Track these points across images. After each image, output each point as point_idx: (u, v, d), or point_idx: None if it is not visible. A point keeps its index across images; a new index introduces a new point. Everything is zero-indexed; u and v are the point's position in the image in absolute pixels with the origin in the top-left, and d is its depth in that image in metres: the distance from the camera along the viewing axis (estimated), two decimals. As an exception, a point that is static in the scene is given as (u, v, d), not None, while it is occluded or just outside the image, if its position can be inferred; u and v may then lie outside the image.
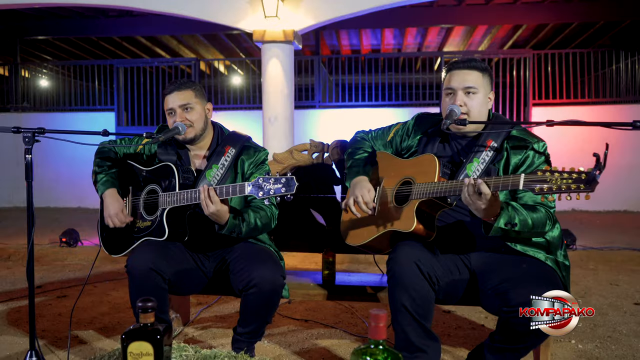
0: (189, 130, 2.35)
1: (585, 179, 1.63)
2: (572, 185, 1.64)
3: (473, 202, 1.86)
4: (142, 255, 2.18)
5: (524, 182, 1.73)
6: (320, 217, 3.01)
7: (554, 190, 1.66)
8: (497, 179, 1.83)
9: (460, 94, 2.13)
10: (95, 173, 2.48)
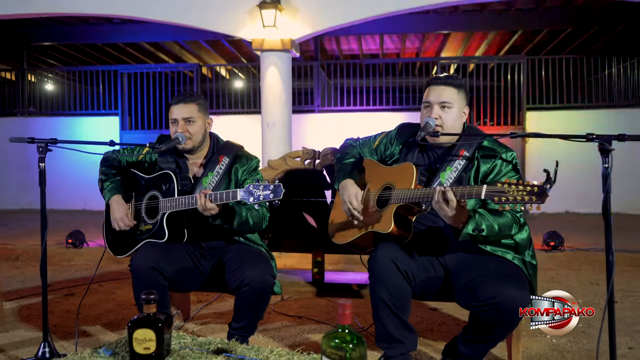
0: (188, 142, 2.56)
1: (537, 192, 1.83)
2: (525, 197, 1.84)
3: (441, 209, 2.07)
4: (145, 255, 2.39)
5: (485, 192, 1.93)
6: (311, 219, 3.21)
7: (510, 201, 1.86)
8: (463, 189, 2.03)
9: (436, 107, 2.34)
10: (101, 181, 2.69)
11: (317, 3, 5.89)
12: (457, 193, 2.03)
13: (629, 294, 3.99)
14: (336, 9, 5.87)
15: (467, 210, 2.09)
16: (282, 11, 5.77)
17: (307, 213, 3.21)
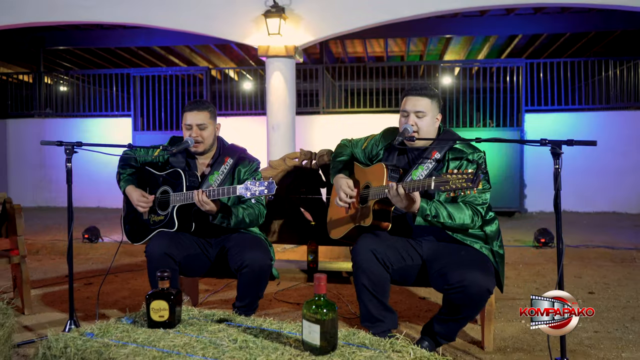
0: (199, 145, 2.90)
1: (472, 179, 2.15)
2: (463, 184, 2.16)
3: (396, 202, 2.40)
4: (158, 242, 2.73)
5: (434, 183, 2.25)
6: (308, 214, 3.54)
7: (453, 188, 2.18)
8: (413, 182, 2.36)
9: (412, 116, 2.66)
10: (119, 174, 3.05)
11: (319, 12, 6.21)
12: (410, 186, 2.36)
13: (606, 286, 4.28)
14: (337, 17, 6.19)
15: (419, 200, 2.40)
16: (286, 20, 6.10)
17: (304, 208, 3.54)
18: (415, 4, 6.11)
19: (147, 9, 6.42)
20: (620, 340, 3.02)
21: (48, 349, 1.75)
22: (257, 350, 1.67)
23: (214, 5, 6.31)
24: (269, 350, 1.66)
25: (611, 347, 2.92)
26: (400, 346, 1.71)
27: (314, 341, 1.63)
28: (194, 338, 1.79)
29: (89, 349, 1.70)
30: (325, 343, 1.63)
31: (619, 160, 8.97)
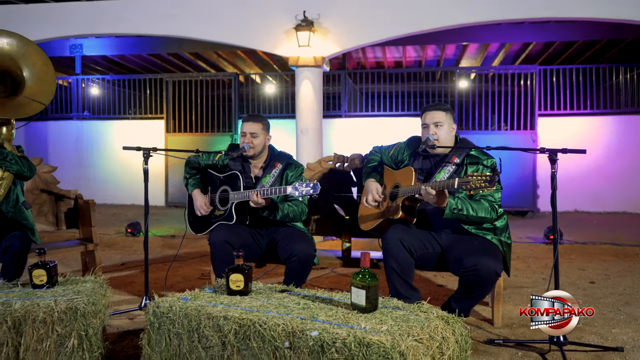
0: (251, 150, 3.44)
1: (489, 180, 2.65)
2: (482, 183, 2.66)
3: (428, 199, 2.91)
4: (219, 232, 3.27)
5: (457, 183, 2.76)
6: (341, 210, 4.07)
7: (473, 187, 2.68)
8: (440, 182, 2.87)
9: (432, 126, 3.18)
10: (186, 178, 3.60)
11: (344, 25, 6.74)
12: (437, 185, 2.87)
13: (606, 277, 4.74)
14: (362, 30, 6.71)
15: (446, 196, 2.90)
16: (315, 32, 6.63)
17: (337, 205, 4.07)
18: (433, 18, 6.61)
19: (190, 23, 7.00)
20: (612, 320, 3.50)
21: (157, 308, 2.30)
22: (317, 310, 2.19)
23: (249, 20, 6.87)
24: (326, 310, 2.19)
25: (604, 325, 3.40)
26: (425, 308, 2.23)
27: (361, 303, 2.16)
28: (265, 302, 2.32)
29: (189, 308, 2.24)
30: (369, 304, 2.16)
31: (629, 162, 9.38)
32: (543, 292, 4.10)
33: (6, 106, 3.62)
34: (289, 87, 11.52)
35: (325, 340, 1.90)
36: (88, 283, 2.75)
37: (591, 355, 2.85)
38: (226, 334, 2.10)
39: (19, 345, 2.36)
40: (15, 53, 3.70)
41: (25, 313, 2.37)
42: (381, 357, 1.79)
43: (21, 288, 2.69)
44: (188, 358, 2.21)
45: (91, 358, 2.45)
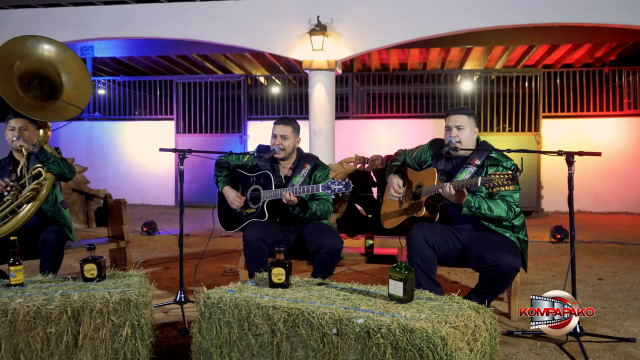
0: (281, 152, 3.62)
1: (511, 178, 2.84)
2: (505, 181, 2.85)
3: (448, 196, 3.09)
4: (253, 230, 3.45)
5: (480, 181, 2.94)
6: (362, 209, 4.26)
7: (496, 185, 2.87)
8: (462, 182, 3.06)
9: (454, 129, 3.36)
10: (216, 176, 3.79)
11: (357, 29, 6.93)
12: (459, 185, 3.05)
13: (614, 274, 4.93)
14: (374, 35, 6.90)
15: (465, 194, 3.09)
16: (328, 36, 6.82)
17: (358, 204, 4.26)
18: (443, 23, 6.81)
19: (204, 26, 7.18)
20: (622, 314, 3.69)
21: (208, 299, 2.48)
22: (357, 300, 2.38)
23: (264, 24, 7.06)
24: (365, 300, 2.37)
25: (615, 318, 3.59)
26: (457, 299, 2.41)
27: (399, 294, 2.34)
28: (307, 294, 2.50)
29: (238, 298, 2.42)
30: (407, 296, 2.34)
31: (630, 164, 9.58)
32: (556, 288, 4.30)
33: (46, 110, 3.80)
34: (295, 88, 11.69)
35: (371, 327, 2.08)
36: (134, 277, 2.92)
37: (605, 345, 3.04)
38: (275, 322, 2.28)
39: (77, 333, 2.54)
40: (54, 59, 3.89)
41: (83, 304, 2.54)
42: (424, 341, 1.98)
43: (72, 281, 2.87)
44: (238, 345, 2.39)
45: (143, 346, 2.62)
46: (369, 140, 9.63)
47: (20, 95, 3.72)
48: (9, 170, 3.72)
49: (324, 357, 2.19)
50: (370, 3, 6.95)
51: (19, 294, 2.59)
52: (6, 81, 3.66)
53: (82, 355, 2.54)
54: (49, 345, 2.51)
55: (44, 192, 3.57)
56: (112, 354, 2.59)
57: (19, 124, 3.66)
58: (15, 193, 3.53)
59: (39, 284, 2.82)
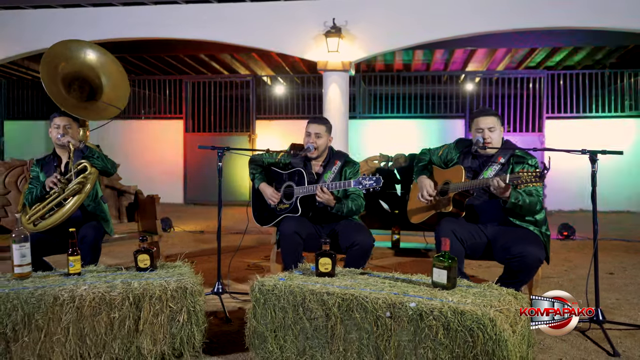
0: (314, 151, 3.80)
1: (539, 175, 3.02)
2: (533, 179, 3.03)
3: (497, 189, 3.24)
4: (289, 224, 3.62)
5: (509, 178, 3.12)
6: (386, 205, 4.44)
7: (525, 182, 3.05)
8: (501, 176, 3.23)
9: (487, 131, 3.54)
10: (252, 174, 3.96)
11: (371, 32, 7.12)
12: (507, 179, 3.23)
13: (623, 269, 5.14)
14: (387, 37, 7.09)
15: (509, 189, 3.26)
16: (343, 38, 7.01)
17: (382, 200, 4.44)
18: (455, 25, 7.02)
19: (220, 27, 7.35)
20: (637, 305, 3.89)
21: (262, 286, 2.65)
22: (403, 287, 2.56)
23: (279, 26, 7.24)
24: (410, 287, 2.56)
25: (630, 309, 3.79)
26: (495, 287, 2.60)
27: (443, 281, 2.52)
28: (353, 282, 2.68)
29: (291, 286, 2.60)
30: (450, 283, 2.52)
31: (631, 163, 9.80)
32: (571, 282, 4.51)
33: (88, 110, 3.97)
34: (300, 89, 11.88)
35: (424, 310, 2.26)
36: (183, 267, 3.09)
37: (625, 332, 3.24)
38: (330, 306, 2.46)
39: (138, 319, 2.71)
40: (95, 63, 4.06)
41: (143, 291, 2.71)
42: (474, 322, 2.16)
43: (126, 271, 3.03)
44: (293, 328, 2.57)
45: (197, 331, 2.79)
46: (377, 140, 9.82)
47: (64, 96, 3.88)
48: (54, 166, 3.88)
49: (377, 339, 2.37)
50: (384, 6, 7.13)
51: (82, 282, 2.76)
52: (53, 82, 3.83)
53: (142, 339, 2.71)
54: (112, 329, 2.67)
55: (88, 186, 3.73)
56: (170, 338, 2.76)
57: (64, 122, 3.82)
58: (62, 186, 3.69)
59: (95, 273, 2.98)
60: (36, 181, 3.90)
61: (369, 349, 2.39)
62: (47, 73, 3.88)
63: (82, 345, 2.64)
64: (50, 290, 2.62)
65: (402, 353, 2.32)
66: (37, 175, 3.91)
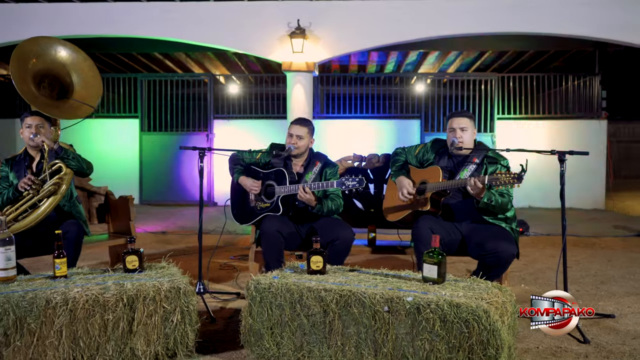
0: (295, 150, 3.86)
1: (517, 177, 3.19)
2: (511, 180, 3.20)
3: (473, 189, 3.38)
4: (271, 223, 3.67)
5: (488, 179, 3.28)
6: (360, 204, 4.55)
7: (502, 183, 3.22)
8: (482, 177, 3.39)
9: (458, 131, 3.70)
10: (231, 169, 3.99)
11: (335, 34, 7.23)
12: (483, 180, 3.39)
13: (577, 262, 5.46)
14: (351, 39, 7.23)
15: (484, 189, 3.42)
16: (307, 39, 7.09)
17: (356, 200, 4.55)
18: (414, 29, 7.23)
19: (186, 27, 7.28)
20: (595, 296, 4.16)
21: (258, 284, 2.70)
22: (396, 283, 2.66)
23: (245, 26, 7.24)
24: (402, 283, 2.66)
25: (590, 299, 4.05)
26: (480, 281, 2.74)
27: (433, 276, 2.64)
28: (346, 278, 2.77)
29: (288, 283, 2.66)
30: (440, 278, 2.65)
31: (574, 163, 10.29)
32: (532, 275, 4.75)
33: (60, 108, 3.89)
34: (254, 87, 11.88)
35: (421, 303, 2.37)
36: (170, 268, 3.09)
37: (590, 321, 3.47)
38: (328, 303, 2.54)
39: (132, 320, 2.70)
40: (66, 60, 3.98)
41: (137, 292, 2.70)
42: (470, 314, 2.29)
43: (113, 272, 3.01)
44: (290, 325, 2.63)
45: (191, 331, 2.81)
46: (335, 140, 9.93)
47: (35, 94, 3.79)
48: (24, 166, 3.78)
49: (375, 332, 2.47)
50: (347, 9, 7.26)
51: (72, 285, 2.72)
52: (23, 80, 3.73)
53: (136, 340, 2.70)
54: (106, 331, 2.66)
55: (64, 187, 3.66)
56: (164, 338, 2.76)
57: (36, 122, 3.73)
58: (36, 188, 3.60)
59: (82, 275, 2.95)
60: (5, 181, 3.80)
61: (367, 343, 2.49)
62: (17, 70, 3.77)
63: (75, 348, 2.61)
64: (42, 294, 2.58)
65: (400, 345, 2.42)
66: (6, 175, 3.81)
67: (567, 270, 5.07)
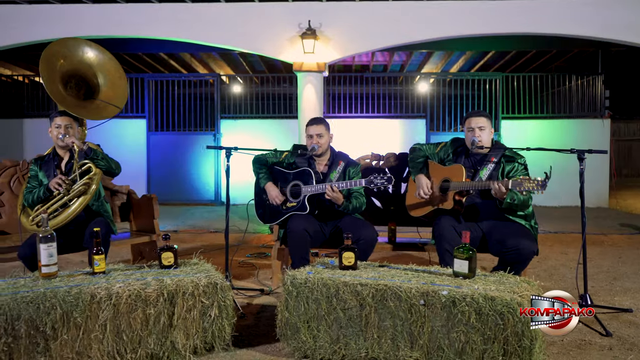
0: (319, 150, 3.94)
1: (541, 184, 3.28)
2: (534, 186, 3.29)
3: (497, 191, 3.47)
4: (298, 222, 3.75)
5: (512, 184, 3.37)
6: (378, 202, 4.63)
7: (526, 189, 3.31)
8: (503, 181, 3.47)
9: (477, 130, 3.79)
10: (257, 173, 4.06)
11: (345, 34, 7.31)
12: (506, 184, 3.48)
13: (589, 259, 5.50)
14: (362, 39, 7.30)
15: (507, 191, 3.51)
16: (319, 39, 7.17)
17: (375, 198, 4.64)
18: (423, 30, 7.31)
19: (194, 27, 7.35)
20: (610, 291, 4.26)
21: (294, 279, 2.78)
22: (428, 277, 2.75)
23: (254, 26, 7.31)
24: (434, 278, 2.76)
25: (606, 294, 4.15)
26: (508, 275, 2.83)
27: (464, 271, 2.73)
28: (378, 274, 2.86)
29: (323, 279, 2.74)
30: (471, 273, 2.74)
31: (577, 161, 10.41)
32: (545, 272, 4.84)
33: (87, 108, 3.96)
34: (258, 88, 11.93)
35: (456, 297, 2.46)
36: (203, 264, 3.17)
37: (609, 315, 3.57)
38: (364, 297, 2.63)
39: (172, 314, 2.78)
40: (93, 61, 4.05)
41: (176, 287, 2.79)
42: (505, 307, 2.38)
43: (149, 269, 3.09)
44: (326, 318, 2.71)
45: (228, 325, 2.90)
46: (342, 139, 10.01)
47: (63, 94, 3.86)
48: (54, 166, 3.85)
49: (411, 325, 2.55)
50: (357, 9, 7.34)
51: (112, 280, 2.80)
52: (52, 80, 3.80)
53: (176, 334, 2.79)
54: (147, 325, 2.74)
55: (94, 187, 3.74)
56: (202, 332, 2.85)
57: (65, 122, 3.81)
58: (67, 187, 3.68)
59: (120, 271, 3.03)
60: (34, 180, 3.87)
61: (403, 335, 2.58)
62: (45, 71, 3.85)
63: (118, 341, 2.70)
64: (86, 289, 2.66)
65: (436, 337, 2.51)
66: (35, 175, 3.88)
67: (581, 267, 5.21)
